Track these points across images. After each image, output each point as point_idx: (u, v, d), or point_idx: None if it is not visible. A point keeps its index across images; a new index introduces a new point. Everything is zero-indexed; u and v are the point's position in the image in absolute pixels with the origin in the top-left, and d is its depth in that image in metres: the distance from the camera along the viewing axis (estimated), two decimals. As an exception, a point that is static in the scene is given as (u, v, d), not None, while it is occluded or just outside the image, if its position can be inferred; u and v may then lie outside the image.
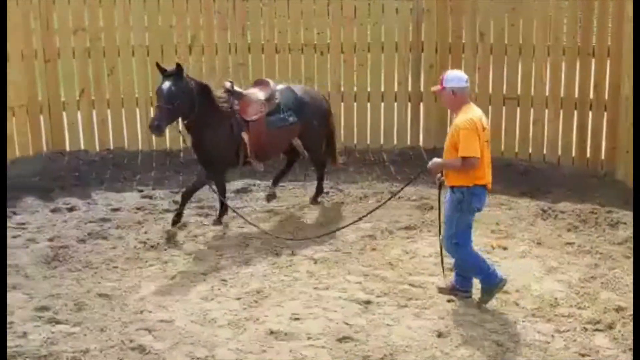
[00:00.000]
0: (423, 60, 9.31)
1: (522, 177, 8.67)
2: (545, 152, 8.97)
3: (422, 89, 9.37)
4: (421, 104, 9.44)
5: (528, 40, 8.85)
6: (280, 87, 7.62)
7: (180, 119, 7.01)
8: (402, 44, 9.28)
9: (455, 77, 5.68)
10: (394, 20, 9.31)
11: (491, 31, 9.01)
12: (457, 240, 5.69)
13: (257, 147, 7.28)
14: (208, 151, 7.16)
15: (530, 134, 9.00)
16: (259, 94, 7.40)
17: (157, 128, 6.72)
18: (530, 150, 9.03)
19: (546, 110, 8.89)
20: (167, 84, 6.78)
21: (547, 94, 8.87)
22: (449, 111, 7.22)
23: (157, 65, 6.95)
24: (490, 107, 9.08)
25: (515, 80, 9.03)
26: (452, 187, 5.66)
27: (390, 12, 9.29)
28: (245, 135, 7.19)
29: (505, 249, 6.79)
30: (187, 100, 6.85)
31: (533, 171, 8.78)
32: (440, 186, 5.93)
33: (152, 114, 7.40)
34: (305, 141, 7.78)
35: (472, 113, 5.64)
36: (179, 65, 6.87)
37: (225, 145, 7.19)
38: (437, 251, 6.67)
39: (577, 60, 8.70)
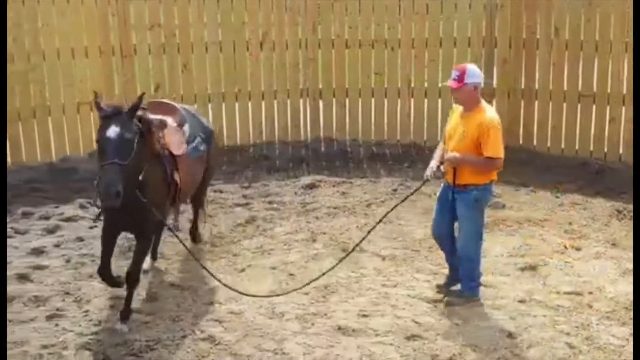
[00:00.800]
0: (496, 56, 9.17)
1: (596, 176, 8.46)
2: (621, 151, 8.71)
3: (494, 85, 9.24)
4: (494, 101, 9.30)
5: (605, 36, 8.61)
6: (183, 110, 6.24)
7: None
8: (474, 39, 9.16)
9: (476, 72, 5.49)
10: (466, 15, 9.20)
11: (567, 27, 8.80)
12: (481, 238, 5.64)
13: (183, 186, 5.84)
14: (151, 206, 5.32)
15: (606, 132, 8.76)
16: (169, 120, 5.86)
17: (117, 196, 4.82)
18: (605, 150, 8.78)
19: (623, 109, 8.63)
20: (117, 131, 4.93)
21: (624, 91, 8.62)
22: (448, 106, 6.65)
23: (97, 103, 5.11)
24: (564, 105, 8.90)
25: (591, 77, 8.79)
26: (464, 186, 5.46)
27: (463, 7, 9.18)
28: (177, 176, 5.67)
29: (578, 249, 6.64)
30: (143, 151, 5.14)
31: (608, 171, 8.54)
32: (426, 181, 5.67)
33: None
34: (206, 170, 6.42)
35: (493, 111, 5.58)
36: (139, 99, 5.17)
37: (166, 193, 5.62)
38: (509, 251, 6.61)
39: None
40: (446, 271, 6.16)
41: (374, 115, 9.52)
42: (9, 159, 8.49)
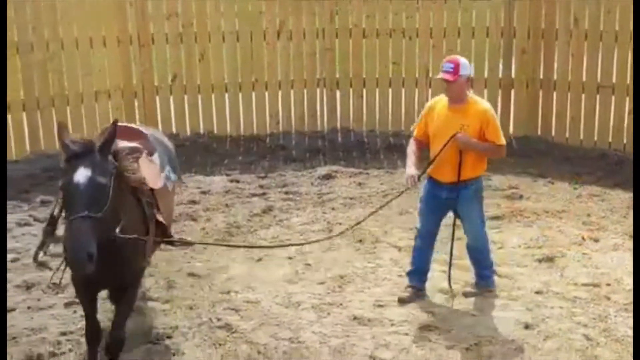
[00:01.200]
0: (515, 46, 9.11)
1: (616, 167, 8.40)
2: (641, 142, 8.63)
3: (513, 75, 9.18)
4: (512, 91, 9.25)
5: (625, 27, 8.51)
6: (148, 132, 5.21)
7: None
8: (493, 29, 9.11)
9: (467, 64, 5.37)
10: (485, 5, 9.14)
11: (586, 17, 8.72)
12: (485, 229, 5.59)
13: (167, 223, 4.93)
14: (129, 263, 4.44)
15: (625, 123, 8.68)
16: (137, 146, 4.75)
17: (89, 261, 3.84)
18: (624, 141, 8.70)
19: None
20: (88, 175, 3.94)
21: (644, 82, 8.53)
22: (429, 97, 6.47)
23: (59, 136, 4.11)
24: (583, 96, 8.83)
25: (611, 68, 8.71)
26: (465, 182, 5.33)
27: (481, -3, 9.14)
28: (160, 216, 4.70)
29: (596, 241, 6.59)
30: (120, 196, 4.17)
31: (627, 162, 8.46)
32: (408, 189, 5.46)
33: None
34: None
35: (483, 100, 5.55)
36: (113, 128, 4.13)
37: (143, 242, 4.53)
38: (526, 242, 6.57)
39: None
40: (462, 262, 6.11)
41: (391, 105, 9.49)
42: (27, 148, 8.57)
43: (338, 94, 9.54)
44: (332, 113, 9.57)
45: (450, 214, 5.59)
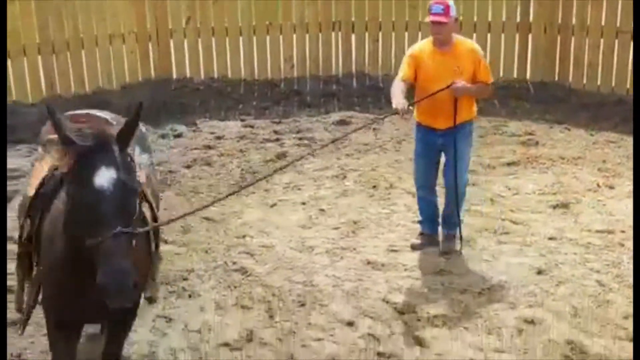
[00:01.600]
0: (533, -10, 8.94)
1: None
2: (660, 89, 8.50)
3: (530, 20, 9.02)
4: (529, 36, 9.10)
5: (648, -31, 8.32)
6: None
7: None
8: (511, -27, 8.93)
9: (454, 4, 5.25)
10: (504, -52, 8.94)
11: (607, -42, 8.52)
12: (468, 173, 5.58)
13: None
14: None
15: (645, 69, 8.54)
16: None
17: (134, 291, 2.97)
18: (643, 87, 8.58)
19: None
20: (113, 178, 3.01)
21: (665, 27, 8.36)
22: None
23: (53, 122, 3.14)
24: (602, 41, 8.67)
25: (630, 13, 8.52)
26: (461, 124, 5.28)
27: (500, -62, 8.92)
28: (148, 211, 3.73)
29: (611, 187, 6.58)
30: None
31: (645, 108, 8.38)
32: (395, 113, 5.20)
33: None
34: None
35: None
36: (137, 114, 3.18)
37: (149, 248, 3.74)
38: (541, 188, 6.56)
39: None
40: (476, 208, 6.13)
41: (407, 49, 9.36)
42: (44, 92, 8.58)
43: (353, 37, 9.41)
44: (347, 57, 9.46)
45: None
